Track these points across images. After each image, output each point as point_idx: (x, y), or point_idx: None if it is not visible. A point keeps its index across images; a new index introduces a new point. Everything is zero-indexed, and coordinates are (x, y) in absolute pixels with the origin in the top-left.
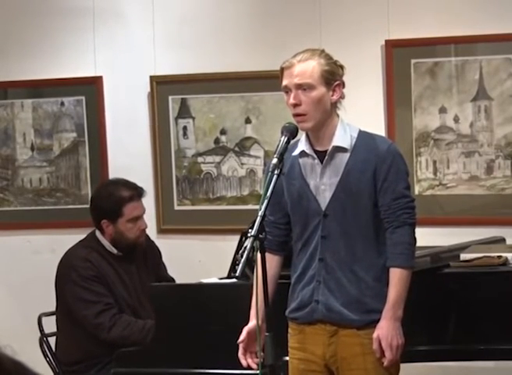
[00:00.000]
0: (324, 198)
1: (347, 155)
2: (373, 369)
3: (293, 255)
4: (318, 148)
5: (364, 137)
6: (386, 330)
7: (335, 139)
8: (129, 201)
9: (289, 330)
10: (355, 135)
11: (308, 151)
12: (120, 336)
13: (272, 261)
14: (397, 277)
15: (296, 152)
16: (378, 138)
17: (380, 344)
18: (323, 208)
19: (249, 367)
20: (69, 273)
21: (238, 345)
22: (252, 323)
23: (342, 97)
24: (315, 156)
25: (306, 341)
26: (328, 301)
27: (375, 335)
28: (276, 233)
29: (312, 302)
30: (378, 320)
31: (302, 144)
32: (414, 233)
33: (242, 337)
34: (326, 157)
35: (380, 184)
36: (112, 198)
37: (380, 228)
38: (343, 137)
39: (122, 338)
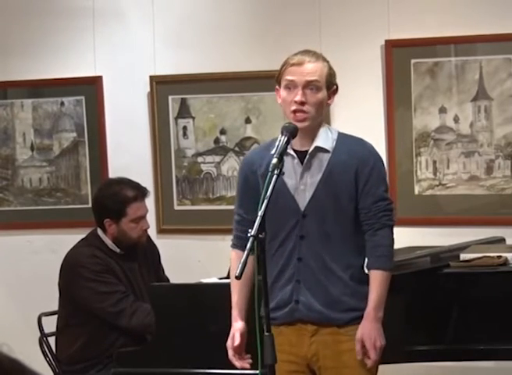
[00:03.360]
0: (303, 198)
1: (328, 155)
2: (354, 366)
3: (266, 253)
4: (298, 148)
5: (343, 139)
6: (369, 332)
7: (317, 140)
8: (133, 201)
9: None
10: (335, 137)
11: (288, 150)
12: (142, 323)
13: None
14: (378, 279)
15: (274, 151)
16: (358, 140)
17: (363, 345)
18: (302, 209)
19: (250, 367)
20: (78, 271)
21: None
22: (241, 324)
23: (332, 103)
24: (295, 156)
25: (286, 343)
26: (309, 301)
27: (358, 336)
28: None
29: (292, 302)
30: (357, 318)
31: None
32: (392, 234)
33: (238, 341)
34: (307, 157)
35: (361, 187)
36: (117, 198)
37: (359, 229)
38: (325, 138)
39: (144, 326)
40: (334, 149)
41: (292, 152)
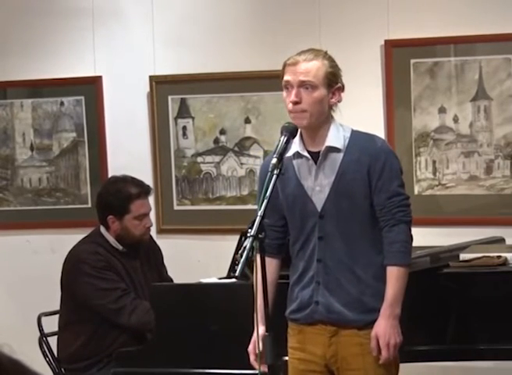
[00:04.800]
0: (319, 199)
1: (341, 155)
2: (373, 369)
3: (291, 256)
4: (312, 149)
5: (356, 136)
6: (384, 329)
7: (328, 139)
8: (137, 198)
9: (289, 330)
10: (348, 135)
11: (302, 152)
12: (141, 321)
13: (271, 264)
14: (395, 275)
15: (289, 154)
16: (371, 137)
17: (378, 342)
18: (319, 209)
19: (250, 367)
20: (80, 267)
21: (237, 345)
22: (262, 330)
23: (339, 100)
24: (309, 157)
25: (306, 341)
26: (328, 301)
27: (372, 333)
28: (274, 236)
29: (312, 303)
30: (377, 320)
31: (296, 146)
32: (410, 230)
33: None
34: (320, 157)
35: (374, 183)
36: (120, 195)
37: (377, 227)
38: (336, 137)
39: (143, 323)
40: (346, 148)
41: (306, 154)
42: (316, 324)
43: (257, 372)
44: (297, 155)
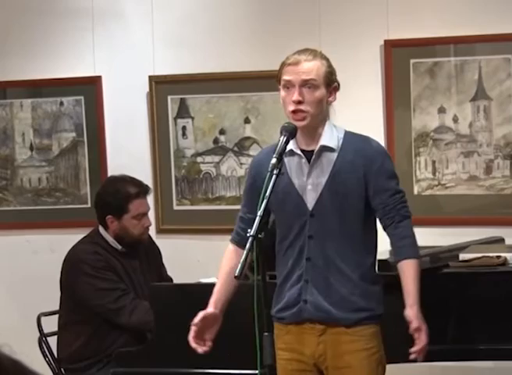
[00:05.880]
0: (310, 197)
1: (335, 155)
2: (361, 367)
3: (277, 253)
4: (305, 148)
5: (350, 137)
6: (416, 314)
7: (322, 139)
8: (135, 197)
9: (276, 331)
10: (341, 136)
11: (295, 150)
12: (141, 321)
13: (236, 255)
14: (413, 268)
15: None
16: (364, 138)
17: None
18: (310, 208)
19: (250, 367)
20: (80, 267)
21: (237, 345)
22: (211, 310)
23: (334, 100)
24: (302, 156)
25: (294, 341)
26: (317, 300)
27: (415, 325)
28: None
29: (300, 302)
30: (365, 318)
31: (289, 144)
32: (412, 226)
33: (197, 319)
34: (313, 156)
35: (373, 185)
36: (119, 194)
37: (367, 227)
38: (330, 137)
39: (143, 323)
40: (340, 148)
41: (299, 152)
42: (303, 323)
43: (257, 372)
44: (290, 153)
